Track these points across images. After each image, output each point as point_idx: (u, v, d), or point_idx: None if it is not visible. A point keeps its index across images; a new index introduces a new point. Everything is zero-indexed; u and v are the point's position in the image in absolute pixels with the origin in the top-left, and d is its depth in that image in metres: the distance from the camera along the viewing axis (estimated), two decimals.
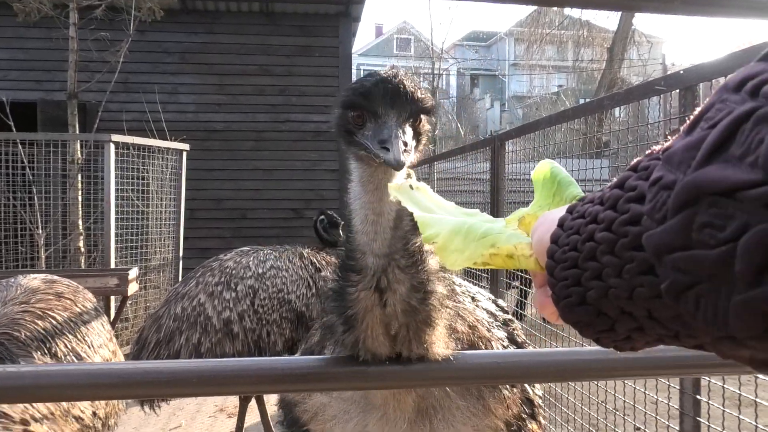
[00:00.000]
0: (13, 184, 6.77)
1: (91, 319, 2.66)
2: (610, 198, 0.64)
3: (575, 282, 0.66)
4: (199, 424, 5.04)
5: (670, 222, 0.53)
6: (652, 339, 0.64)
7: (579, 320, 0.68)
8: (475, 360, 1.27)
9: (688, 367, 1.39)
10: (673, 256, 0.53)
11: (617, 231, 0.61)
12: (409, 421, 1.47)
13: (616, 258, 0.61)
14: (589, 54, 26.99)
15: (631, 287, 0.59)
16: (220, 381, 1.16)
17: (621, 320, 0.63)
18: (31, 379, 1.14)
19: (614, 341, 0.67)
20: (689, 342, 0.60)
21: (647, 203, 0.57)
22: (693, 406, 2.61)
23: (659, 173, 0.57)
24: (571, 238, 0.67)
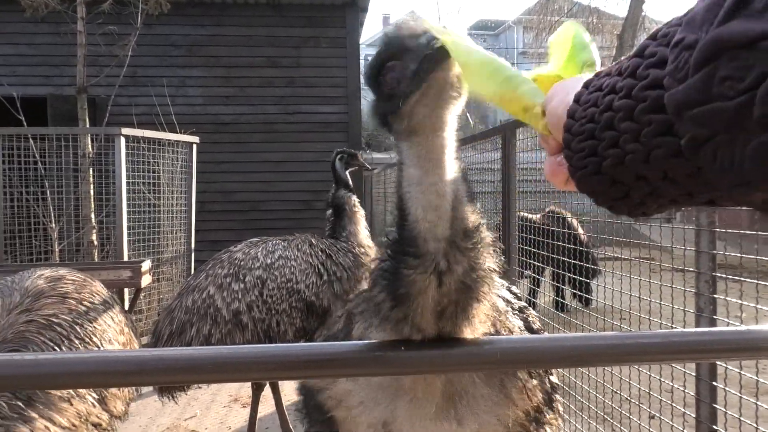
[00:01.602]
0: (26, 178, 6.81)
1: (98, 316, 2.65)
2: (629, 67, 0.66)
3: (591, 152, 0.69)
4: (214, 414, 5.08)
5: (691, 79, 0.56)
6: (665, 201, 0.68)
7: (594, 189, 0.72)
8: (500, 345, 1.26)
9: (705, 352, 1.37)
10: (693, 112, 0.56)
11: (636, 96, 0.63)
12: (437, 406, 1.46)
13: (634, 123, 0.63)
14: (599, 41, 26.71)
15: (648, 150, 0.62)
16: (235, 367, 1.16)
17: (635, 186, 0.67)
18: (48, 366, 1.15)
19: (628, 207, 0.71)
20: (701, 198, 0.64)
21: (669, 65, 0.59)
22: (709, 393, 2.59)
23: (681, 35, 0.59)
24: (588, 111, 0.70)
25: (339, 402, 1.59)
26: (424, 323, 1.24)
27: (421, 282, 1.22)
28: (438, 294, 1.23)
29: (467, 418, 1.49)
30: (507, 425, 1.55)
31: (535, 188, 5.02)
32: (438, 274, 1.22)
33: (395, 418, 1.49)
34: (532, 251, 4.52)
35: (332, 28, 10.41)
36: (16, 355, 1.15)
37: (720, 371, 2.61)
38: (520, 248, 4.53)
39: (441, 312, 1.24)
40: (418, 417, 1.47)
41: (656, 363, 2.65)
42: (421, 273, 1.22)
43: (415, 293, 1.23)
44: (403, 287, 1.23)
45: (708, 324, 2.56)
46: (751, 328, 1.30)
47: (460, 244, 1.23)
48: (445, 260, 1.22)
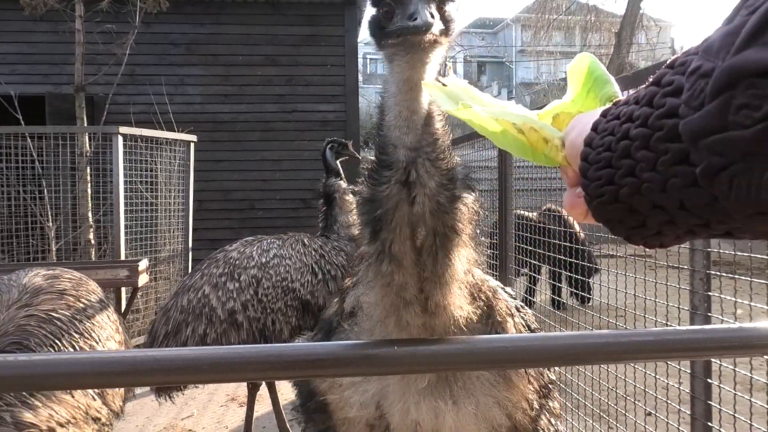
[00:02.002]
0: (23, 177, 6.81)
1: (96, 313, 2.67)
2: (646, 95, 0.66)
3: (608, 181, 0.69)
4: (211, 414, 5.08)
5: (707, 107, 0.55)
6: (682, 231, 0.67)
7: (611, 218, 0.72)
8: (489, 344, 1.26)
9: (699, 350, 1.38)
10: (709, 140, 0.55)
11: (653, 125, 0.63)
12: (429, 384, 1.47)
13: (650, 152, 0.63)
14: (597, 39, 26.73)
15: (665, 179, 0.62)
16: (231, 367, 1.16)
17: (652, 215, 0.66)
18: (42, 367, 1.15)
19: (644, 237, 0.71)
20: (719, 228, 0.63)
21: (685, 93, 0.59)
22: (704, 390, 2.60)
23: (698, 63, 0.58)
24: (605, 140, 0.70)
25: (332, 384, 1.61)
26: (403, 255, 1.29)
27: (395, 195, 1.29)
28: (412, 214, 1.28)
29: (463, 399, 1.49)
30: (506, 407, 1.54)
31: (532, 186, 5.03)
32: (409, 186, 1.29)
33: (386, 396, 1.50)
34: (529, 249, 4.53)
35: (331, 27, 10.40)
36: (9, 356, 1.16)
37: (715, 368, 2.62)
38: (517, 246, 4.54)
39: (420, 247, 1.29)
40: (410, 394, 1.48)
41: (650, 361, 2.65)
42: (394, 183, 1.29)
43: (391, 210, 1.29)
44: (379, 207, 1.30)
45: (703, 321, 2.58)
46: (744, 326, 1.31)
47: (430, 154, 1.30)
48: (415, 170, 1.29)
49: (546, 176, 4.89)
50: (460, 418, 1.49)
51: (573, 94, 0.93)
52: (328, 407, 1.64)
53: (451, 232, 1.30)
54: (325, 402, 1.63)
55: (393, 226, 1.29)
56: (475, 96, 0.99)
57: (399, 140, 1.31)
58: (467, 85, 1.02)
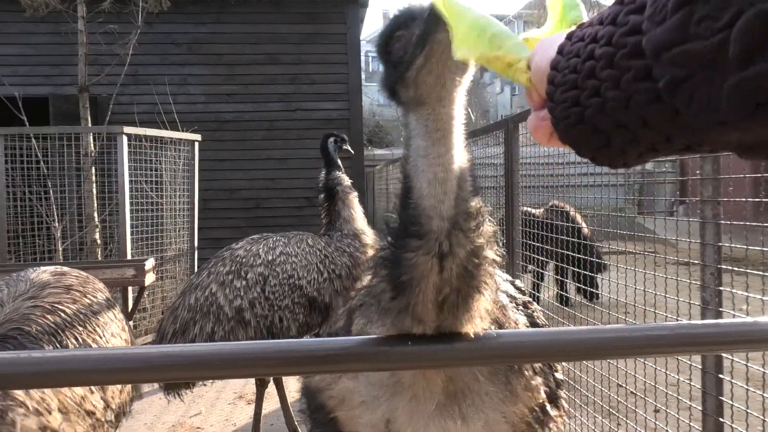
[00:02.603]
0: (29, 178, 6.82)
1: (102, 310, 2.66)
2: (609, 14, 0.67)
3: (574, 102, 0.69)
4: (219, 411, 5.09)
5: (669, 21, 0.57)
6: (644, 148, 0.69)
7: (576, 139, 0.73)
8: (503, 339, 1.25)
9: (713, 344, 1.37)
10: (671, 53, 0.57)
11: (617, 43, 0.64)
12: (438, 404, 1.45)
13: (614, 70, 0.64)
14: None
15: (628, 96, 0.63)
16: (241, 363, 1.15)
17: (616, 134, 0.68)
18: (53, 364, 1.14)
19: (609, 157, 0.72)
20: (680, 143, 0.65)
21: (648, 9, 0.60)
22: (715, 385, 2.58)
23: None
24: (570, 62, 0.70)
25: (341, 401, 1.58)
26: (425, 314, 1.23)
27: (423, 265, 1.21)
28: (440, 280, 1.21)
29: (472, 416, 1.47)
30: (513, 422, 1.53)
31: (538, 183, 5.00)
32: (440, 257, 1.20)
33: (396, 416, 1.47)
34: (535, 246, 4.51)
35: (333, 25, 10.39)
36: (22, 353, 1.15)
37: (726, 364, 2.60)
38: (523, 243, 4.52)
39: (442, 302, 1.23)
40: (418, 415, 1.45)
41: (664, 355, 2.64)
42: (423, 254, 1.20)
43: (417, 278, 1.21)
44: (404, 273, 1.22)
45: (714, 316, 2.56)
46: (758, 320, 1.29)
47: (463, 225, 1.21)
48: (448, 241, 1.20)
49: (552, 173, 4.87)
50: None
51: (551, 24, 0.93)
52: (338, 422, 1.62)
53: (474, 291, 1.25)
54: (335, 419, 1.62)
55: (418, 292, 1.22)
56: None
57: (434, 210, 1.19)
58: None
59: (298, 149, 10.06)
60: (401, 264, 1.22)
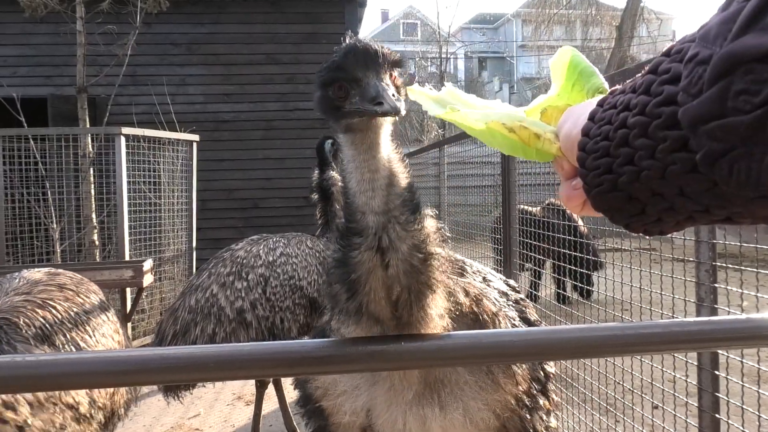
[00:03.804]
0: (27, 179, 6.82)
1: (94, 310, 2.65)
2: (643, 84, 0.66)
3: (607, 170, 0.69)
4: (218, 413, 5.09)
5: (706, 94, 0.56)
6: (682, 217, 0.67)
7: (610, 207, 0.72)
8: (496, 338, 1.26)
9: (706, 341, 1.37)
10: (708, 126, 0.56)
11: (651, 113, 0.63)
12: (416, 393, 1.49)
13: (649, 140, 0.63)
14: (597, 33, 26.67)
15: (664, 166, 0.62)
16: (237, 365, 1.16)
17: (652, 202, 0.67)
18: (49, 367, 1.15)
19: (644, 224, 0.71)
20: (719, 214, 0.64)
21: (683, 80, 0.59)
22: (711, 382, 2.59)
23: (695, 50, 0.59)
24: (602, 129, 0.70)
25: (325, 392, 1.65)
26: (380, 312, 1.29)
27: (367, 260, 1.27)
28: (386, 276, 1.28)
29: (451, 404, 1.51)
30: (495, 410, 1.56)
31: (535, 181, 5.01)
32: (381, 251, 1.27)
33: (375, 405, 1.53)
34: (533, 244, 4.52)
35: (331, 24, 10.38)
36: (17, 356, 1.16)
37: (722, 360, 2.61)
38: (521, 241, 4.53)
39: (396, 301, 1.29)
40: (396, 403, 1.50)
41: (659, 353, 2.65)
42: (366, 250, 1.27)
43: (365, 275, 1.28)
44: (353, 271, 1.29)
45: (709, 313, 2.57)
46: (752, 316, 1.30)
47: (399, 218, 1.28)
48: (386, 235, 1.27)
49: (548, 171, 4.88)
50: (447, 423, 1.51)
51: (558, 88, 0.94)
52: (324, 411, 1.68)
53: (425, 288, 1.31)
54: (321, 407, 1.67)
55: (368, 290, 1.29)
56: (461, 99, 1.00)
57: (366, 206, 1.29)
58: (452, 88, 1.03)
59: (296, 149, 10.06)
60: (349, 263, 1.29)
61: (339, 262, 1.32)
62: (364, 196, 1.29)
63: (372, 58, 1.23)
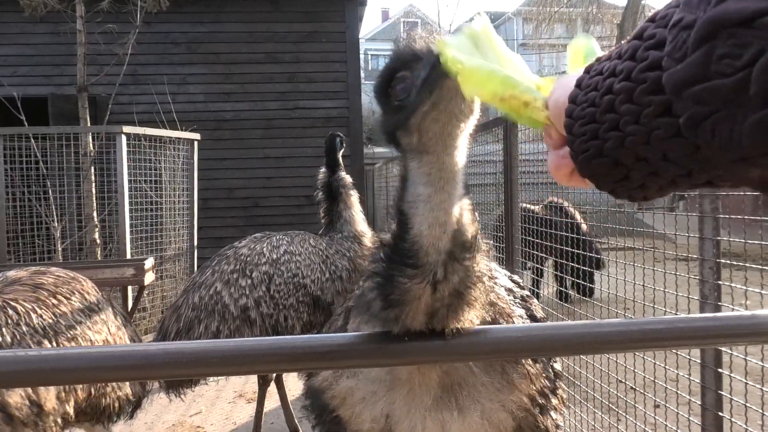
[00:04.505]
0: (28, 178, 6.82)
1: (70, 311, 2.57)
2: (628, 49, 0.67)
3: (593, 136, 0.70)
4: (219, 410, 5.09)
5: (690, 58, 0.57)
6: (665, 182, 0.69)
7: (596, 172, 0.73)
8: (501, 334, 1.26)
9: (710, 337, 1.37)
10: (692, 90, 0.57)
11: (636, 78, 0.64)
12: (434, 397, 1.47)
13: (634, 105, 0.64)
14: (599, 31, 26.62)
15: (649, 131, 0.64)
16: (241, 360, 1.16)
17: (636, 167, 0.68)
18: (53, 362, 1.15)
19: (629, 190, 0.72)
20: (701, 177, 0.65)
21: (667, 45, 0.60)
22: (715, 380, 2.59)
23: (679, 16, 0.60)
24: (589, 95, 0.71)
25: (342, 400, 1.60)
26: (415, 325, 1.24)
27: (416, 291, 1.22)
28: (432, 300, 1.23)
29: (469, 407, 1.49)
30: (511, 410, 1.55)
31: (537, 179, 5.01)
32: (434, 284, 1.21)
33: (394, 410, 1.50)
34: (534, 242, 4.52)
35: (331, 23, 10.38)
36: (19, 351, 1.16)
37: (725, 358, 2.61)
38: (522, 239, 4.53)
39: (432, 314, 1.25)
40: (415, 408, 1.48)
41: (661, 349, 2.64)
42: (417, 283, 1.21)
43: (409, 300, 1.22)
44: (396, 293, 1.22)
45: (713, 311, 2.56)
46: (757, 313, 1.29)
47: (459, 255, 1.22)
48: (443, 270, 1.21)
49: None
50: (466, 426, 1.50)
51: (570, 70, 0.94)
52: (342, 421, 1.65)
53: (465, 305, 1.27)
54: (338, 417, 1.65)
55: (409, 310, 1.23)
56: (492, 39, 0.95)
57: (432, 247, 1.20)
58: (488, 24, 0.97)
59: (296, 148, 10.06)
60: (394, 285, 1.22)
61: (381, 279, 1.25)
62: (433, 238, 1.19)
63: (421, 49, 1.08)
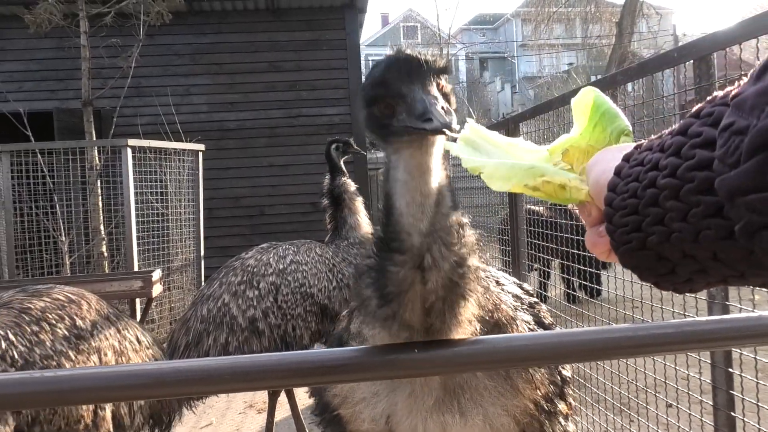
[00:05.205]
0: (35, 192, 6.87)
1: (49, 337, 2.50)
2: (672, 145, 0.65)
3: (635, 228, 0.68)
4: (230, 421, 5.10)
5: (744, 166, 0.55)
6: (714, 280, 0.67)
7: (639, 264, 0.71)
8: (506, 343, 1.26)
9: (719, 340, 1.36)
10: (747, 198, 0.55)
11: (682, 176, 0.62)
12: (436, 399, 1.48)
13: (680, 203, 0.63)
14: (597, 30, 26.63)
15: (697, 230, 0.62)
16: (252, 376, 1.17)
17: (683, 263, 0.66)
18: (67, 383, 1.16)
19: (674, 284, 0.70)
20: (756, 281, 0.63)
21: (719, 148, 0.58)
22: (725, 379, 2.58)
23: (730, 119, 0.58)
24: (630, 186, 0.69)
25: (343, 399, 1.62)
26: (412, 320, 1.27)
27: (407, 278, 1.24)
28: (424, 290, 1.25)
29: (471, 410, 1.50)
30: (514, 415, 1.55)
31: None
32: (423, 270, 1.24)
33: (395, 411, 1.51)
34: (540, 244, 4.51)
35: (332, 31, 10.42)
36: (35, 372, 1.17)
37: (735, 357, 2.60)
38: (528, 242, 4.52)
39: (429, 309, 1.27)
40: (416, 410, 1.49)
41: (671, 353, 2.64)
42: (408, 269, 1.24)
43: (403, 290, 1.25)
44: (389, 285, 1.25)
45: (720, 310, 2.55)
46: (764, 314, 1.30)
47: (444, 239, 1.25)
48: (430, 255, 1.24)
49: None
50: (468, 429, 1.50)
51: (580, 128, 0.94)
52: (342, 420, 1.66)
53: (460, 298, 1.29)
54: (339, 415, 1.66)
55: (405, 302, 1.26)
56: (484, 135, 1.00)
57: (413, 227, 1.24)
58: (474, 124, 1.03)
59: (300, 155, 10.09)
60: (386, 276, 1.26)
61: (374, 272, 1.29)
62: (412, 218, 1.24)
63: (416, 70, 1.14)
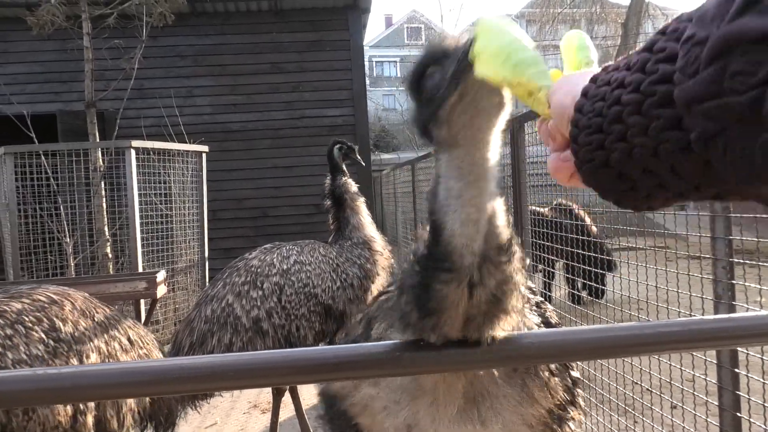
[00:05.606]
0: (39, 194, 6.88)
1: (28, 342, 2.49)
2: (638, 61, 0.67)
3: (599, 146, 0.70)
4: (234, 421, 5.10)
5: (702, 74, 0.56)
6: (671, 194, 0.68)
7: (600, 183, 0.73)
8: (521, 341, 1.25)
9: (726, 339, 1.36)
10: (703, 106, 0.57)
11: (645, 91, 0.64)
12: (458, 407, 1.46)
13: (642, 117, 0.64)
14: (603, 31, 26.60)
15: (657, 144, 0.63)
16: (258, 373, 1.16)
17: (643, 179, 0.68)
18: (70, 380, 1.16)
19: (634, 200, 0.72)
20: (708, 192, 0.65)
21: (679, 60, 0.60)
22: (732, 380, 2.56)
23: (691, 31, 0.59)
24: (596, 105, 0.70)
25: (363, 408, 1.58)
26: (452, 332, 1.23)
27: (453, 296, 1.21)
28: (469, 306, 1.22)
29: (491, 419, 1.48)
30: (530, 424, 1.54)
31: (546, 182, 4.99)
32: (470, 287, 1.20)
33: (418, 420, 1.48)
34: (544, 245, 4.50)
35: (335, 32, 10.43)
36: (38, 369, 1.17)
37: (741, 357, 2.58)
38: (532, 242, 4.51)
39: (468, 321, 1.23)
40: (440, 419, 1.46)
41: (676, 352, 2.62)
42: (454, 288, 1.20)
43: (446, 307, 1.21)
44: (433, 301, 1.21)
45: (727, 310, 2.54)
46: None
47: (494, 258, 1.21)
48: (479, 274, 1.19)
49: None
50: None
51: (567, 66, 0.96)
52: (361, 429, 1.63)
53: (501, 313, 1.25)
54: (357, 425, 1.63)
55: (446, 318, 1.22)
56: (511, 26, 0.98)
57: (466, 249, 1.18)
58: None
59: (304, 156, 10.10)
60: (430, 293, 1.22)
61: (417, 288, 1.24)
62: (466, 238, 1.18)
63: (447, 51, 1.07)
